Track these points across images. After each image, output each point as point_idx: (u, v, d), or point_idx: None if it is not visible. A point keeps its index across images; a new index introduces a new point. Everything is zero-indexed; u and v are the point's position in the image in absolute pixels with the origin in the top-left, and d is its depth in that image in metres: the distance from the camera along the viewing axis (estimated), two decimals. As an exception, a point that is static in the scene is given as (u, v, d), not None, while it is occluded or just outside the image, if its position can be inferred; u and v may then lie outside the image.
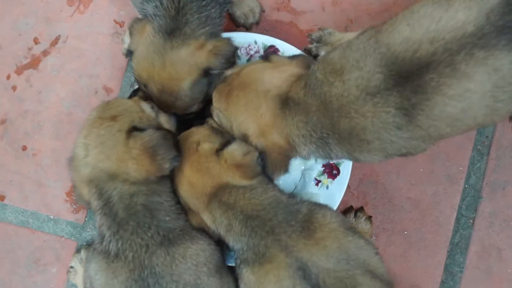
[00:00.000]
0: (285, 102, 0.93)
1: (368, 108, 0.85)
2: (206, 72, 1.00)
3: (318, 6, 1.24)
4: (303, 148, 0.95)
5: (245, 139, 0.97)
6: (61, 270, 1.23)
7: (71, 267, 1.20)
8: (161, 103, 1.03)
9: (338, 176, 1.15)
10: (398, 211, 1.20)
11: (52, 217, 1.24)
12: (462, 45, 0.80)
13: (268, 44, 1.16)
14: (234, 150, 0.95)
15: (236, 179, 0.94)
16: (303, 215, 0.91)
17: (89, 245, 1.22)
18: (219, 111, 1.00)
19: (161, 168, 0.93)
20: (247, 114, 0.95)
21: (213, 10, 1.01)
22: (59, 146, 1.24)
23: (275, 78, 0.95)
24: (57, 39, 1.26)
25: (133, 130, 0.94)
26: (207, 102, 1.05)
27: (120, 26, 1.25)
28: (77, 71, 1.25)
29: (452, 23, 0.81)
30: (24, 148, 1.25)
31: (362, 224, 1.16)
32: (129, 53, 1.04)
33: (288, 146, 0.95)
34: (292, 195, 0.96)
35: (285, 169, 0.97)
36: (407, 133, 0.86)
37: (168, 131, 0.98)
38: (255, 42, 1.16)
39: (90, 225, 1.24)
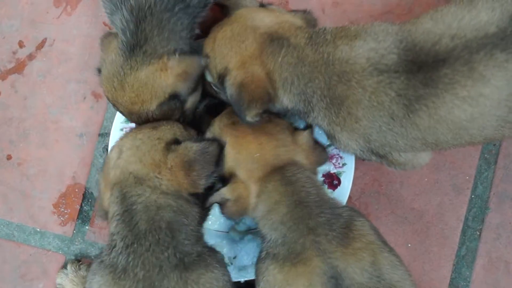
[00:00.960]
0: (277, 39, 0.91)
1: (370, 83, 0.84)
2: (173, 96, 0.96)
3: (317, 7, 1.21)
4: (282, 93, 0.91)
5: (225, 74, 0.93)
6: (48, 285, 1.21)
7: (58, 284, 1.16)
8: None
9: (339, 187, 1.12)
10: (401, 222, 1.18)
11: (38, 229, 1.21)
12: (482, 44, 0.79)
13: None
14: (310, 135, 0.95)
15: (305, 162, 0.93)
16: (344, 221, 0.88)
17: (77, 260, 1.19)
18: (208, 56, 0.97)
19: (195, 185, 0.89)
20: (231, 46, 0.92)
21: (178, 23, 0.94)
22: (46, 155, 1.22)
23: (268, 19, 0.94)
24: (43, 43, 1.23)
25: (174, 143, 0.91)
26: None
27: (110, 29, 1.22)
28: (65, 76, 1.23)
29: (475, 23, 0.81)
30: (9, 157, 1.23)
31: None
32: (98, 71, 1.00)
33: (268, 80, 0.91)
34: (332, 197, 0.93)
35: (262, 103, 0.91)
36: (399, 128, 0.84)
37: (213, 140, 0.93)
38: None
39: (79, 238, 1.21)
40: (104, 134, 1.20)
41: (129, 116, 0.98)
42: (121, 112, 0.99)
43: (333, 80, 0.87)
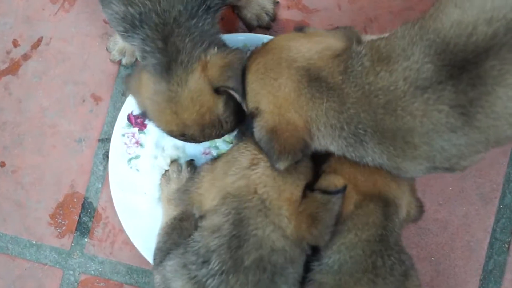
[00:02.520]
0: (315, 80, 0.85)
1: (417, 106, 0.79)
2: (227, 88, 0.92)
3: (333, 3, 1.18)
4: (329, 141, 0.87)
5: (256, 114, 0.88)
6: (44, 302, 1.19)
7: (166, 170, 1.11)
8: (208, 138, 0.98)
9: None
10: (424, 234, 1.16)
11: (34, 242, 1.19)
12: None
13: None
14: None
15: (404, 210, 0.92)
16: (404, 269, 0.89)
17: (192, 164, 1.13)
18: (246, 87, 0.92)
19: (318, 240, 0.86)
20: (263, 83, 0.88)
21: (205, 23, 0.93)
22: (42, 162, 1.20)
23: (305, 48, 0.88)
24: (39, 41, 1.21)
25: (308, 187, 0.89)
26: None
27: (110, 26, 1.19)
28: (62, 77, 1.21)
29: None
30: (3, 164, 1.20)
31: None
32: (143, 115, 0.98)
33: (306, 130, 0.86)
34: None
35: (294, 154, 0.87)
36: (463, 137, 0.80)
37: (338, 192, 0.88)
38: (263, 45, 1.09)
39: (77, 252, 1.18)
40: (105, 140, 1.18)
41: (204, 135, 0.95)
42: (194, 137, 0.96)
43: (379, 113, 0.82)
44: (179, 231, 0.96)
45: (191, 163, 1.10)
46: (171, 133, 0.96)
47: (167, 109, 0.92)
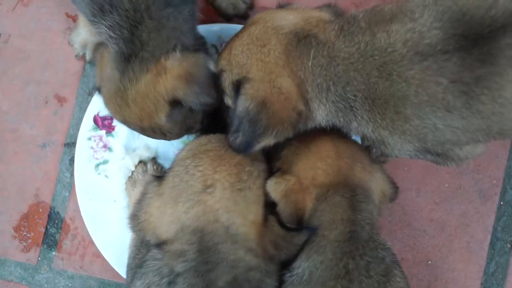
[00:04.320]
0: (304, 38, 0.83)
1: (413, 73, 0.76)
2: (176, 103, 0.89)
3: None
4: (317, 106, 0.84)
5: (243, 82, 0.84)
6: (10, 322, 1.16)
7: (132, 172, 1.08)
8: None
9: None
10: (420, 236, 1.14)
11: None
12: None
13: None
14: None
15: (377, 195, 0.88)
16: (384, 267, 0.85)
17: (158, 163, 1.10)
18: (222, 70, 0.88)
19: (288, 257, 0.85)
20: (250, 52, 0.85)
21: (180, 17, 0.88)
22: (3, 171, 1.17)
23: (291, 16, 0.87)
24: None
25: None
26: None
27: (73, 21, 1.16)
28: (22, 78, 1.18)
29: None
30: None
31: None
32: (98, 91, 0.96)
33: (299, 97, 0.83)
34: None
35: (282, 129, 0.83)
36: (460, 120, 0.77)
37: (304, 229, 0.85)
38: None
39: (45, 266, 1.14)
40: (71, 144, 1.15)
41: (144, 133, 0.95)
42: (137, 131, 0.96)
43: (373, 76, 0.79)
44: (148, 243, 0.90)
45: (156, 162, 1.06)
46: (116, 119, 0.95)
47: (113, 99, 0.90)
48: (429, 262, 1.13)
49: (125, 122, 0.93)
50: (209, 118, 0.97)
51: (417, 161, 1.10)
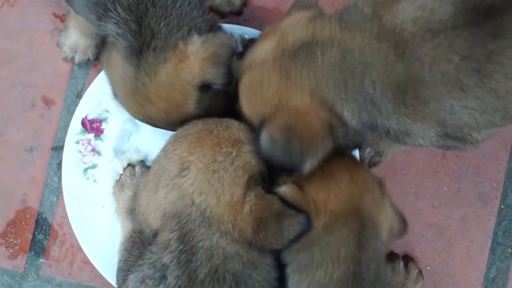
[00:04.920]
0: (299, 49, 0.80)
1: (425, 51, 0.73)
2: (206, 87, 0.87)
3: None
4: (342, 107, 0.80)
5: (262, 126, 0.81)
6: (-3, 331, 1.14)
7: (120, 175, 1.06)
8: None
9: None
10: (418, 241, 1.13)
11: None
12: None
13: (247, 37, 1.07)
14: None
15: (386, 229, 0.85)
16: None
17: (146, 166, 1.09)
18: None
19: (265, 246, 0.81)
20: (255, 98, 0.83)
21: (185, 4, 0.85)
22: None
23: (267, 43, 0.84)
24: None
25: (258, 178, 0.83)
26: None
27: (61, 21, 1.14)
28: (8, 80, 1.17)
29: None
30: None
31: (413, 282, 1.07)
32: (114, 96, 0.94)
33: (318, 105, 0.79)
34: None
35: (321, 144, 0.81)
36: (475, 101, 0.74)
37: (301, 213, 0.82)
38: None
39: (32, 274, 1.12)
40: (59, 148, 1.13)
41: (171, 127, 0.91)
42: (163, 128, 0.93)
43: (390, 59, 0.75)
44: (139, 245, 0.90)
45: (144, 165, 1.05)
46: (138, 119, 0.93)
47: (133, 99, 0.87)
48: (428, 268, 1.12)
49: (150, 120, 0.91)
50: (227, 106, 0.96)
51: (415, 165, 1.10)
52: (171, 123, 0.90)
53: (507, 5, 0.69)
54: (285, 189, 0.82)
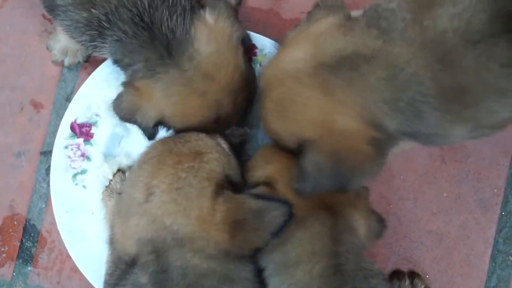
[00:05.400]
0: (341, 64, 0.76)
1: (468, 62, 0.71)
2: (245, 39, 0.91)
3: None
4: (390, 122, 0.76)
5: (303, 151, 0.78)
6: None
7: (110, 181, 1.05)
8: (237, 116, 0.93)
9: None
10: (417, 249, 1.12)
11: None
12: None
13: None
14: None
15: (362, 229, 0.84)
16: None
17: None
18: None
19: (245, 248, 0.80)
20: (288, 118, 0.80)
21: None
22: None
23: (299, 51, 0.79)
24: None
25: (225, 183, 0.82)
26: None
27: (50, 22, 1.13)
28: None
29: None
30: None
31: None
32: (162, 125, 0.90)
33: (367, 128, 0.76)
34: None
35: (369, 163, 0.78)
36: None
37: (281, 202, 0.80)
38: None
39: (20, 282, 1.11)
40: (47, 153, 1.11)
41: (237, 107, 0.90)
42: (228, 115, 0.90)
43: (437, 70, 0.73)
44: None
45: None
46: (202, 124, 0.89)
47: (192, 94, 0.86)
48: (427, 276, 1.11)
49: (218, 105, 0.88)
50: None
51: (414, 170, 1.09)
52: (237, 94, 0.88)
53: None
54: (258, 189, 0.81)
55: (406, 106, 0.75)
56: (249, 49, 0.96)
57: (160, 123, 0.89)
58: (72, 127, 1.02)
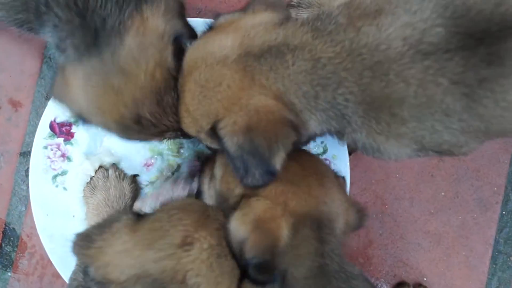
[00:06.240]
0: (268, 51, 0.78)
1: (414, 72, 0.73)
2: (179, 39, 0.85)
3: None
4: (309, 116, 0.79)
5: (217, 129, 0.78)
6: None
7: (91, 177, 1.02)
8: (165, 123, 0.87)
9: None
10: (414, 250, 1.12)
11: None
12: None
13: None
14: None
15: (342, 222, 0.84)
16: None
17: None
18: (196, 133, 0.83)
19: None
20: (208, 98, 0.79)
21: None
22: None
23: (228, 39, 0.81)
24: None
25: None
26: None
27: None
28: None
29: None
30: None
31: None
32: (81, 120, 0.86)
33: (282, 107, 0.78)
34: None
35: (287, 138, 0.78)
36: (459, 123, 0.75)
37: None
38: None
39: None
40: (27, 153, 1.09)
41: (163, 108, 0.85)
42: (153, 115, 0.85)
43: (366, 77, 0.75)
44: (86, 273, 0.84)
45: (117, 168, 1.00)
46: (123, 123, 0.83)
47: (108, 90, 0.81)
48: (425, 279, 1.11)
49: (137, 105, 0.83)
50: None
51: (410, 168, 1.07)
52: (161, 95, 0.83)
53: (504, 32, 0.70)
54: (236, 221, 0.78)
55: (325, 104, 0.77)
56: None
57: (80, 115, 0.85)
58: (52, 127, 0.99)
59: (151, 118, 0.84)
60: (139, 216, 0.79)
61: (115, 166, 1.00)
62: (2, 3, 0.82)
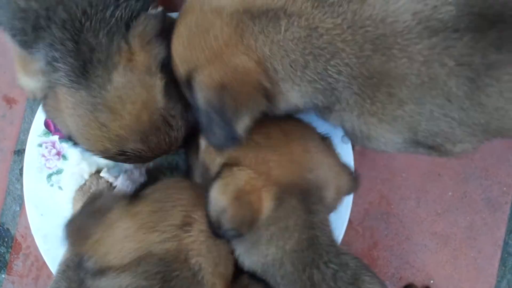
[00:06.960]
0: (264, 13, 0.77)
1: (420, 48, 0.71)
2: (165, 66, 0.84)
3: None
4: (290, 85, 0.77)
5: (192, 76, 0.78)
6: None
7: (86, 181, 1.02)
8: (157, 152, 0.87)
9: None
10: (420, 252, 1.10)
11: None
12: None
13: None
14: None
15: (332, 190, 0.84)
16: (351, 273, 0.79)
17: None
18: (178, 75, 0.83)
19: None
20: (193, 43, 0.79)
21: (126, 11, 0.83)
22: None
23: None
24: None
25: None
26: None
27: None
28: None
29: None
30: None
31: None
32: (70, 140, 0.87)
33: (261, 73, 0.77)
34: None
35: (255, 104, 0.78)
36: (458, 111, 0.73)
37: None
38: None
39: None
40: (22, 152, 1.09)
41: (149, 145, 0.85)
42: (139, 151, 0.86)
43: (366, 50, 0.73)
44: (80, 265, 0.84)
45: (111, 175, 0.99)
46: (107, 154, 0.85)
47: (94, 122, 0.82)
48: (432, 281, 1.10)
49: (121, 141, 0.84)
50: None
51: (416, 167, 1.06)
52: (146, 134, 0.84)
53: None
54: (216, 191, 0.77)
55: (314, 76, 0.75)
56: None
57: (70, 138, 0.86)
58: (46, 124, 0.98)
59: (135, 153, 0.85)
60: (131, 198, 0.80)
61: (107, 174, 0.99)
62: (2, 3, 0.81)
